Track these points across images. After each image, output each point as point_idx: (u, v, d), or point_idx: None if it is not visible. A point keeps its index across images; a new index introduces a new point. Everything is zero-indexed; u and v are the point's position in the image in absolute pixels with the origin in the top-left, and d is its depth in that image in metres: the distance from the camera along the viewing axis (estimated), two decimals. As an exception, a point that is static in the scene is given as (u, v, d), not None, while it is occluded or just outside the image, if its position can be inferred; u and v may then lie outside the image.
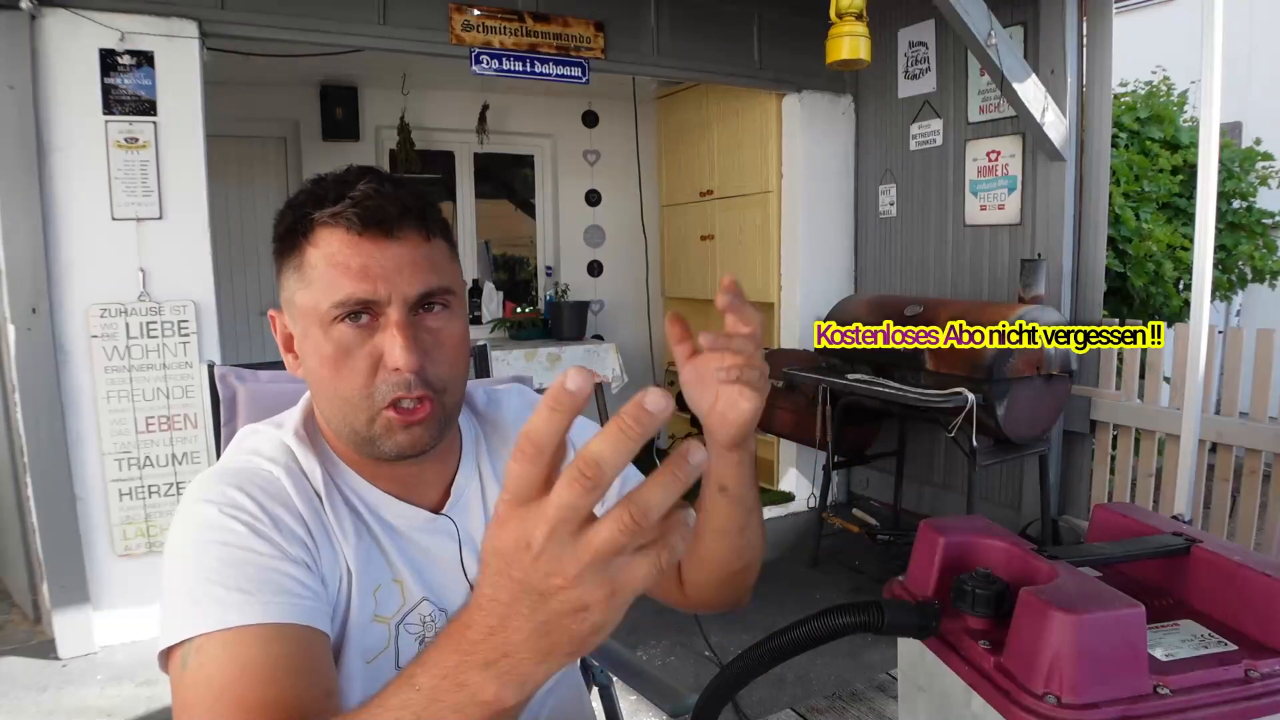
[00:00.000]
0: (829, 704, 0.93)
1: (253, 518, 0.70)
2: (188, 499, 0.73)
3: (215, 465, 0.78)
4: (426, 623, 0.79)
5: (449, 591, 0.81)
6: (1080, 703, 0.50)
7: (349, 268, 0.71)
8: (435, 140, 4.75)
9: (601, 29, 3.46)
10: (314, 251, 0.73)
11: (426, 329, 0.74)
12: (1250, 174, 4.55)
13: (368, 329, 0.72)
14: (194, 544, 0.69)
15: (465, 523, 0.83)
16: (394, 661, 0.77)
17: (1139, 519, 0.70)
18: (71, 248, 2.62)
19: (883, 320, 3.25)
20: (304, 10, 2.88)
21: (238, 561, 0.67)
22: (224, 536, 0.68)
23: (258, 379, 1.06)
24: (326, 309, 0.71)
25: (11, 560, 3.08)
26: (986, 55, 2.97)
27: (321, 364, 0.73)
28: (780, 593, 3.27)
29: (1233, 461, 2.90)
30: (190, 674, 0.63)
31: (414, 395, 0.72)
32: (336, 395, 0.73)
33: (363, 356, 0.72)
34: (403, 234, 0.73)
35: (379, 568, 0.78)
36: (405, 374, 0.71)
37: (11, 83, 2.47)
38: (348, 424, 0.74)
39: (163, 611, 0.68)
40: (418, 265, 0.73)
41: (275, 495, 0.73)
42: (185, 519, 0.71)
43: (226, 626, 0.63)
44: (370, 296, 0.71)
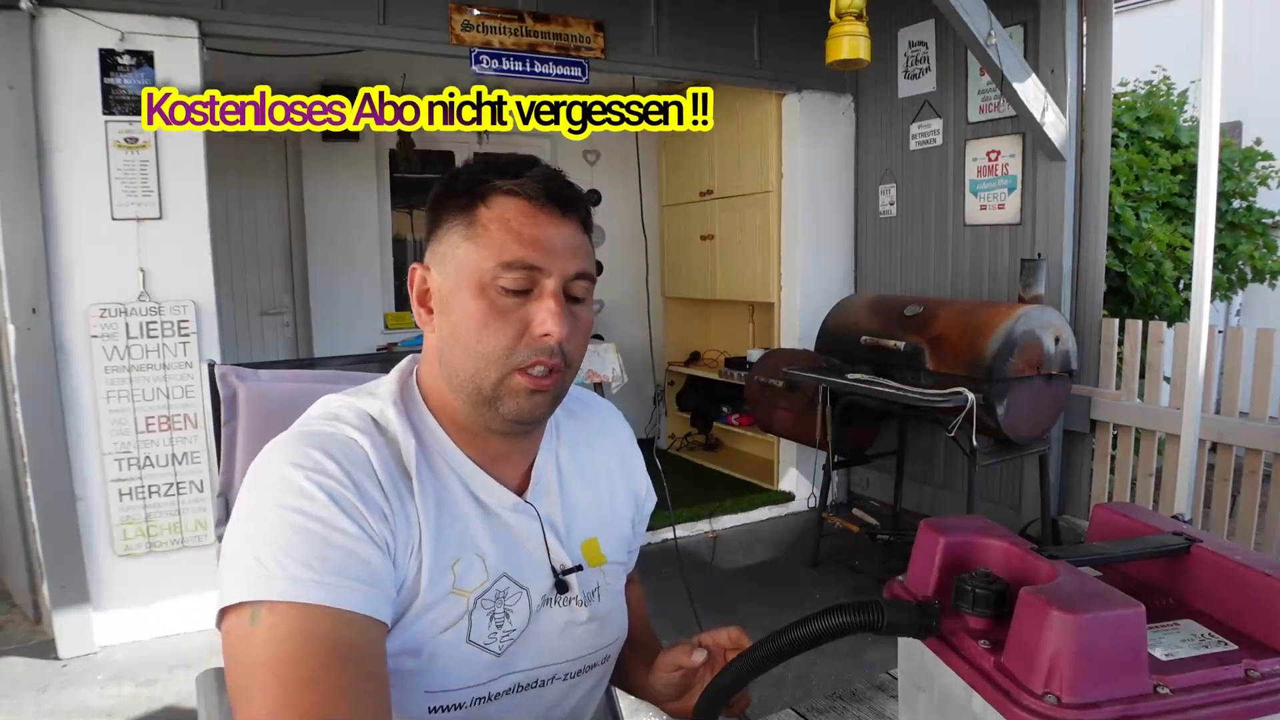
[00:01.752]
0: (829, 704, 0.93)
1: (339, 484, 0.71)
2: (268, 459, 0.73)
3: (294, 428, 0.78)
4: (500, 598, 0.80)
5: (532, 572, 0.83)
6: (1080, 702, 0.50)
7: (521, 234, 0.75)
8: (435, 141, 4.75)
9: (601, 29, 3.46)
10: (488, 213, 0.77)
11: (570, 309, 0.78)
12: (1250, 174, 4.55)
13: (523, 297, 0.76)
14: (276, 507, 0.69)
15: (545, 508, 0.86)
16: (465, 635, 0.78)
17: (1139, 519, 0.70)
18: (71, 248, 2.62)
19: (883, 320, 3.26)
20: (304, 10, 2.89)
21: (320, 538, 0.68)
22: (307, 506, 0.69)
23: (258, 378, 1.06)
24: (491, 267, 0.75)
25: (11, 560, 3.08)
26: (986, 55, 2.97)
27: (469, 318, 0.76)
28: (780, 593, 3.27)
29: (1233, 461, 2.90)
30: (262, 631, 0.64)
31: (551, 363, 0.76)
32: (475, 350, 0.76)
33: (514, 320, 0.75)
34: (571, 218, 0.79)
35: (462, 541, 0.79)
36: (552, 342, 0.75)
37: (11, 83, 2.47)
38: (475, 381, 0.77)
39: (231, 568, 0.68)
40: (577, 249, 0.78)
41: (359, 463, 0.74)
42: (266, 479, 0.72)
43: (304, 600, 0.65)
44: (537, 263, 0.75)
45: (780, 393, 3.74)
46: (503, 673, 0.80)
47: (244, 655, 0.64)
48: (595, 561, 0.88)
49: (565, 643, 0.85)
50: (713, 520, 3.98)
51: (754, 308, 4.84)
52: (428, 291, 0.81)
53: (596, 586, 0.88)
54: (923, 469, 3.97)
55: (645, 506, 1.00)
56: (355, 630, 0.66)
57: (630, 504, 0.97)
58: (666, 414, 5.44)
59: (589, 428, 0.95)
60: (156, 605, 2.79)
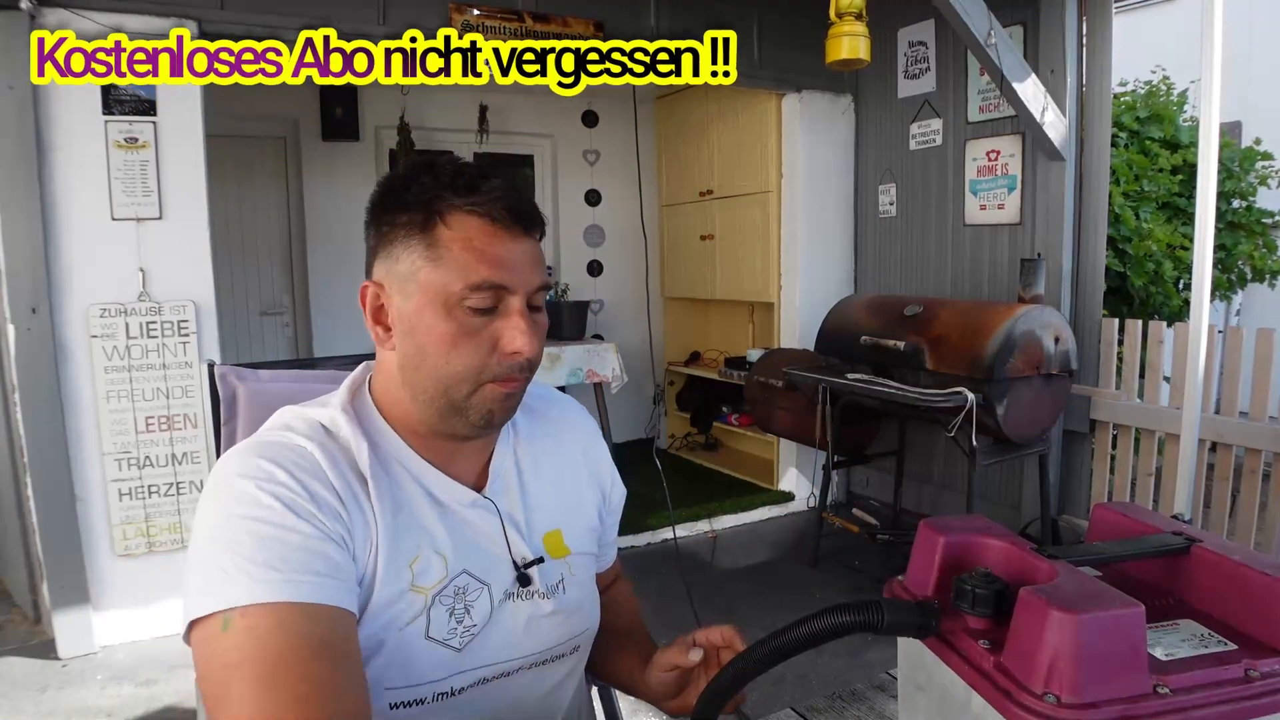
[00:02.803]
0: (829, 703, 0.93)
1: (290, 492, 0.72)
2: (221, 473, 0.74)
3: (246, 440, 0.79)
4: (459, 594, 0.81)
5: (493, 567, 0.84)
6: (1080, 702, 0.50)
7: (485, 254, 0.76)
8: (435, 140, 4.75)
9: (601, 29, 3.46)
10: (449, 233, 0.77)
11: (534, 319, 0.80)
12: (1250, 174, 4.55)
13: (488, 315, 0.77)
14: (231, 518, 0.70)
15: (504, 503, 0.87)
16: (424, 630, 0.78)
17: (1139, 518, 0.70)
18: (71, 248, 2.62)
19: (883, 320, 3.26)
20: (304, 9, 2.88)
21: (277, 539, 0.69)
22: (261, 513, 0.70)
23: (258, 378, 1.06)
24: (459, 289, 0.76)
25: (11, 560, 3.08)
26: (986, 55, 2.97)
27: (437, 340, 0.77)
28: (780, 593, 3.27)
29: (1232, 461, 2.90)
30: (234, 636, 0.64)
31: (521, 376, 0.80)
32: (445, 369, 0.77)
33: (483, 338, 0.77)
34: (530, 233, 0.80)
35: (419, 539, 0.80)
36: (522, 359, 0.78)
37: (11, 82, 2.47)
38: (446, 396, 0.78)
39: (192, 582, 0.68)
40: (536, 262, 0.81)
41: (308, 469, 0.75)
42: (219, 493, 0.73)
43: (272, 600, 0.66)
44: (504, 283, 0.77)
45: (780, 393, 3.74)
46: (464, 668, 0.81)
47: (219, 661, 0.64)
48: (558, 553, 0.89)
49: (530, 636, 0.86)
50: (712, 520, 3.98)
51: (754, 308, 4.84)
52: (382, 309, 0.81)
53: (560, 579, 0.89)
54: (922, 469, 3.97)
55: (613, 497, 1.01)
56: (327, 623, 0.68)
57: (596, 495, 0.98)
58: (666, 414, 5.44)
59: (549, 422, 0.97)
60: (156, 605, 2.79)
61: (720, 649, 0.85)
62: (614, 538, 1.04)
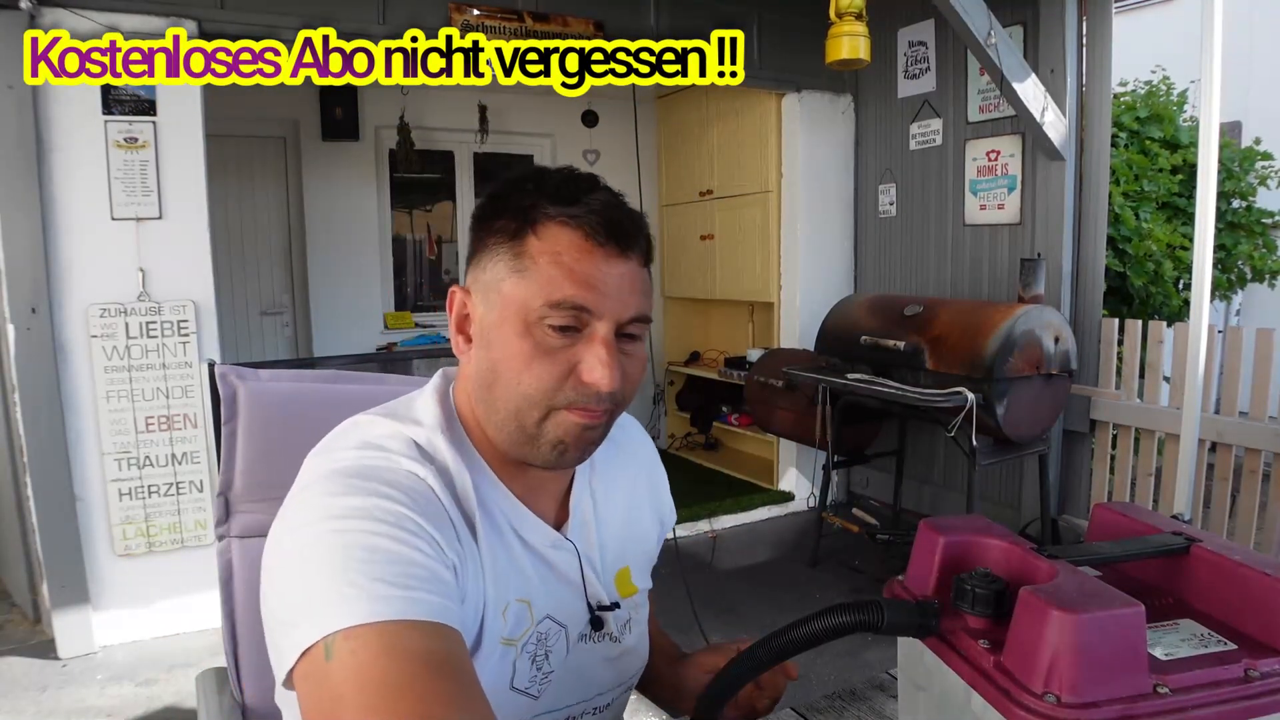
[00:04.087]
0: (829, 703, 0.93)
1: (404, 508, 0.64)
2: (313, 495, 0.65)
3: (338, 460, 0.69)
4: (542, 641, 0.76)
5: (571, 609, 0.79)
6: (1080, 702, 0.50)
7: (574, 271, 0.69)
8: (435, 140, 4.75)
9: (601, 29, 3.46)
10: (538, 244, 0.70)
11: (623, 351, 0.72)
12: (1250, 174, 4.55)
13: (572, 338, 0.70)
14: (335, 534, 0.61)
15: (582, 542, 0.81)
16: (509, 681, 0.74)
17: (1139, 518, 0.70)
18: (71, 248, 2.61)
19: (883, 320, 3.26)
20: (304, 9, 2.88)
21: (389, 555, 0.60)
22: (374, 526, 0.62)
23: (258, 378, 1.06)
24: (539, 305, 0.69)
25: (11, 560, 3.08)
26: (986, 55, 2.97)
27: (511, 357, 0.70)
28: (780, 593, 3.27)
29: (1232, 461, 2.90)
30: (339, 662, 0.55)
31: (598, 409, 0.71)
32: (516, 389, 0.70)
33: (560, 361, 0.69)
34: (632, 254, 0.72)
35: (512, 585, 0.74)
36: (600, 390, 0.69)
37: (11, 82, 2.47)
38: (517, 419, 0.71)
39: (287, 617, 0.59)
40: (635, 288, 0.72)
41: (423, 496, 0.67)
42: (312, 514, 0.63)
43: (382, 619, 0.56)
44: (588, 305, 0.69)
45: (780, 393, 3.74)
46: (535, 713, 0.77)
47: (323, 694, 0.55)
48: (627, 593, 0.85)
49: (594, 678, 0.82)
50: (713, 520, 3.97)
51: (754, 308, 4.84)
52: (467, 318, 0.75)
53: (628, 619, 0.85)
54: (922, 469, 3.97)
55: (667, 525, 0.96)
56: (444, 641, 0.58)
57: (656, 526, 0.94)
58: (666, 414, 5.44)
59: (619, 449, 0.90)
60: (156, 605, 2.79)
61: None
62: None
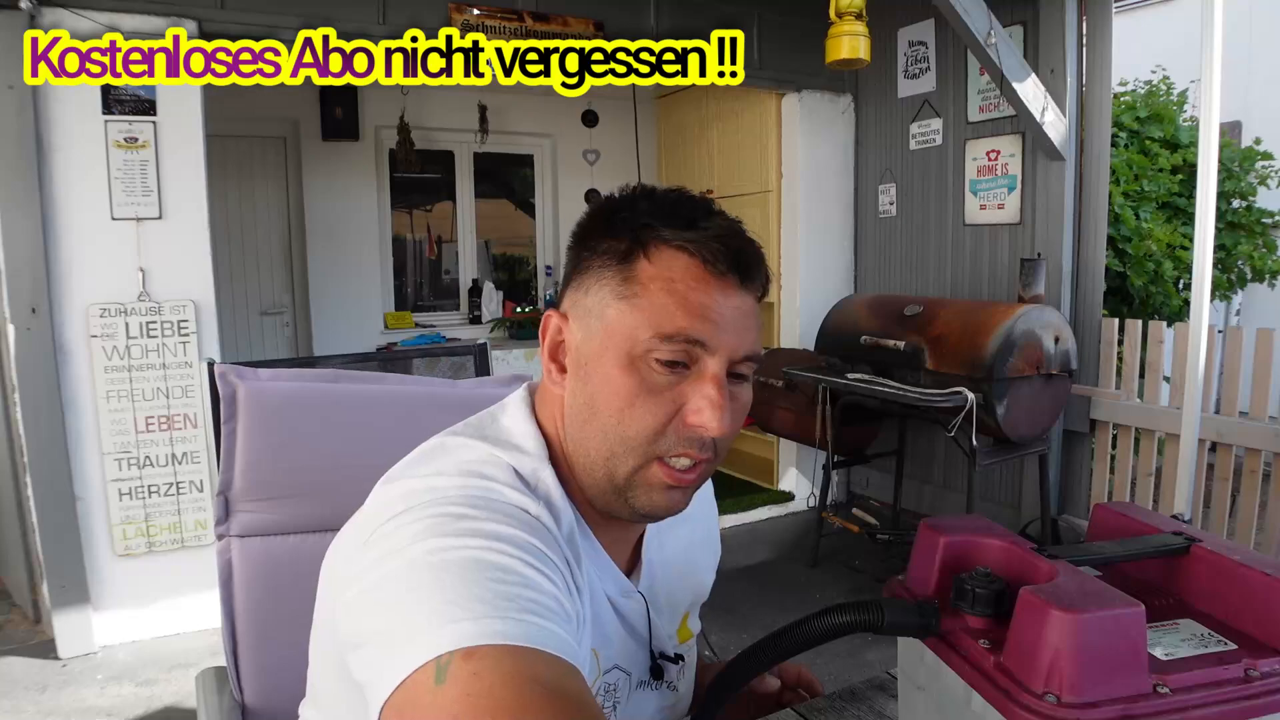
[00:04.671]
0: (829, 703, 0.93)
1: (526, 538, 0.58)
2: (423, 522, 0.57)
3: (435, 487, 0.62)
4: (610, 691, 0.72)
5: (635, 658, 0.76)
6: (1080, 702, 0.50)
7: (689, 301, 0.63)
8: (435, 140, 4.75)
9: (601, 29, 3.46)
10: (650, 269, 0.64)
11: (732, 393, 0.66)
12: (1250, 174, 4.55)
13: (680, 374, 0.64)
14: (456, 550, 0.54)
15: (650, 592, 0.77)
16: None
17: (1139, 518, 0.70)
18: (71, 248, 2.61)
19: (883, 320, 3.26)
20: (303, 8, 2.88)
21: (520, 577, 0.54)
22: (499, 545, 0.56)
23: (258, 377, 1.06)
24: (647, 336, 0.63)
25: (11, 560, 3.08)
26: (986, 55, 2.97)
27: (613, 394, 0.64)
28: (780, 593, 3.27)
29: (1232, 461, 2.90)
30: (454, 686, 0.46)
31: (701, 457, 0.65)
32: (614, 432, 0.64)
33: (665, 400, 0.63)
34: (751, 287, 0.67)
35: (594, 630, 0.70)
36: (707, 435, 0.64)
37: (11, 82, 2.47)
38: (607, 467, 0.65)
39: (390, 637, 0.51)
40: (750, 324, 0.67)
41: (537, 531, 0.61)
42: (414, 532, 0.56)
43: (511, 642, 0.49)
44: (703, 338, 0.63)
45: (780, 392, 3.74)
46: None
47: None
48: (684, 638, 0.84)
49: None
50: (712, 520, 3.97)
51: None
52: (562, 344, 0.69)
53: (684, 664, 0.81)
54: (923, 469, 3.97)
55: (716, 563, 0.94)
56: (575, 680, 0.50)
57: (712, 569, 0.91)
58: (666, 414, 5.44)
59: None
60: (156, 605, 2.79)
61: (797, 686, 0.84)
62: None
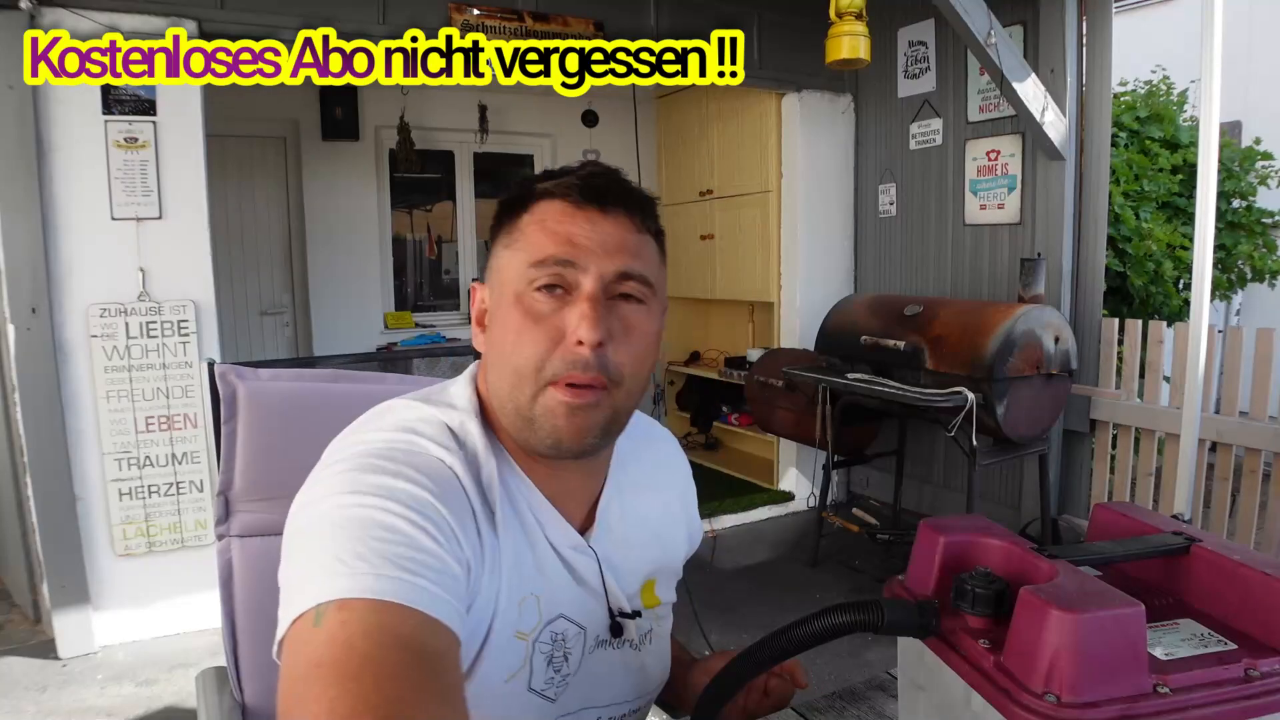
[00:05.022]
0: (829, 703, 0.93)
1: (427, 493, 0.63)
2: (339, 469, 0.65)
3: (368, 441, 0.68)
4: (558, 641, 0.76)
5: (591, 613, 0.78)
6: (1080, 702, 0.50)
7: (556, 233, 0.70)
8: (435, 140, 4.75)
9: (601, 29, 3.46)
10: (528, 218, 0.72)
11: (618, 315, 0.70)
12: (1250, 173, 4.55)
13: (560, 301, 0.69)
14: (354, 507, 0.60)
15: (605, 548, 0.80)
16: (526, 683, 0.73)
17: (1139, 518, 0.70)
18: (71, 248, 2.61)
19: (883, 320, 3.26)
20: (303, 8, 2.88)
21: (403, 536, 0.59)
22: (392, 505, 0.61)
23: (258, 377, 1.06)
24: (525, 269, 0.69)
25: (11, 560, 3.08)
26: (986, 55, 2.97)
27: (505, 331, 0.70)
28: (780, 593, 3.27)
29: (1232, 461, 2.90)
30: (326, 630, 0.53)
31: (586, 377, 0.68)
32: (510, 364, 0.70)
33: (548, 327, 0.68)
34: (615, 213, 0.71)
35: (527, 579, 0.73)
36: (585, 351, 0.67)
37: (11, 82, 2.47)
38: (513, 400, 0.70)
39: (290, 583, 0.59)
40: (624, 246, 0.71)
41: (448, 485, 0.66)
42: (340, 484, 0.63)
43: (382, 597, 0.55)
44: (570, 258, 0.68)
45: (780, 392, 3.74)
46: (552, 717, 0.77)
47: (302, 658, 0.53)
48: (650, 604, 0.85)
49: (612, 686, 0.81)
50: (713, 520, 3.97)
51: (754, 307, 4.84)
52: (484, 311, 0.76)
53: (650, 630, 0.84)
54: (923, 469, 3.97)
55: (694, 542, 0.97)
56: (437, 638, 0.56)
57: (685, 543, 0.94)
58: (666, 414, 5.44)
59: (652, 462, 0.90)
60: (156, 605, 2.79)
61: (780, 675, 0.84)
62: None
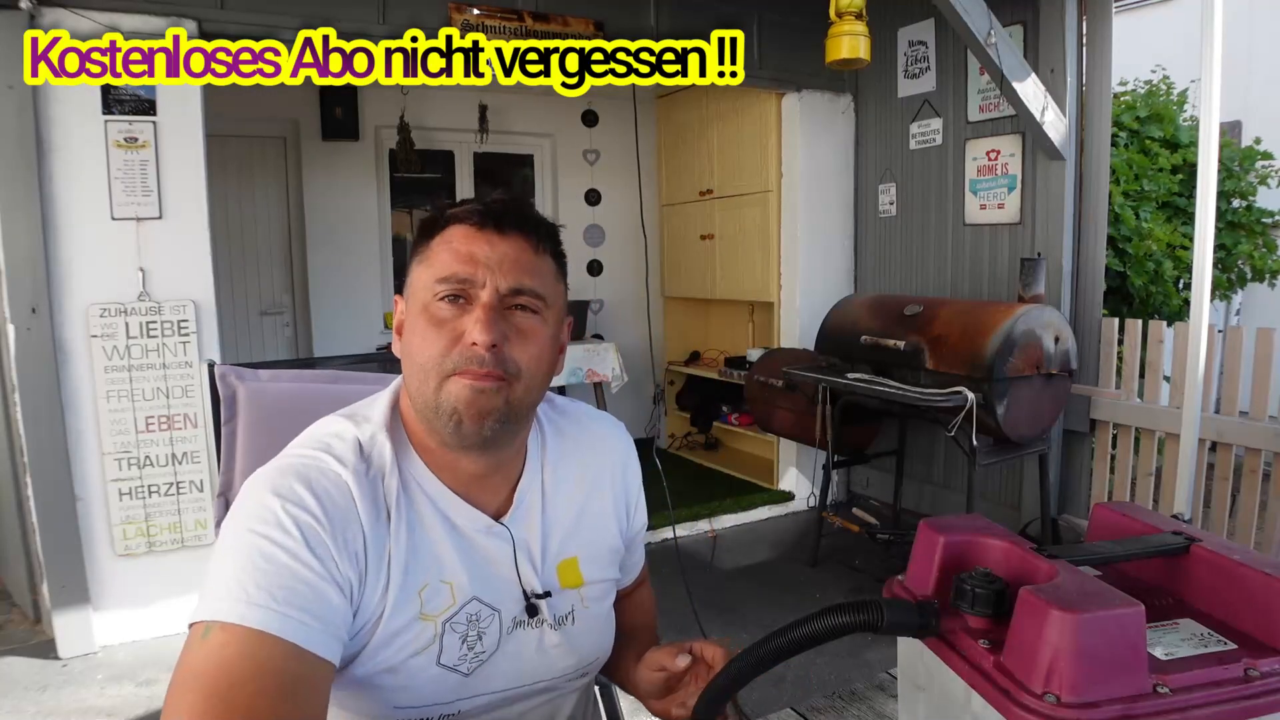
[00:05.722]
0: (829, 703, 0.93)
1: (314, 519, 0.73)
2: (255, 485, 0.76)
3: (286, 456, 0.80)
4: (472, 621, 0.82)
5: (502, 593, 0.84)
6: (1080, 702, 0.50)
7: (459, 251, 0.79)
8: (435, 140, 4.75)
9: (601, 29, 3.46)
10: (439, 240, 0.81)
11: (512, 322, 0.79)
12: (1250, 173, 4.55)
13: (461, 309, 0.78)
14: (249, 533, 0.72)
15: (521, 531, 0.86)
16: (435, 658, 0.80)
17: (1139, 518, 0.70)
18: (71, 248, 2.61)
19: (883, 320, 3.25)
20: (303, 8, 2.88)
21: (285, 569, 0.70)
22: (279, 536, 0.71)
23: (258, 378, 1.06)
24: (431, 284, 0.79)
25: (11, 560, 3.08)
26: (986, 54, 2.97)
27: (413, 336, 0.80)
28: (780, 593, 3.27)
29: (1232, 461, 2.90)
30: (209, 646, 0.65)
31: (483, 371, 0.77)
32: (416, 363, 0.79)
33: (449, 330, 0.77)
34: (512, 235, 0.81)
35: (430, 567, 0.80)
36: (480, 350, 0.76)
37: (11, 82, 2.47)
38: (421, 395, 0.79)
39: (204, 586, 0.70)
40: (519, 265, 0.80)
41: (340, 503, 0.76)
42: (248, 504, 0.74)
43: (258, 627, 0.66)
44: (468, 276, 0.78)
45: (780, 392, 3.74)
46: (472, 693, 0.82)
47: (187, 663, 0.65)
48: (572, 583, 0.89)
49: (538, 664, 0.86)
50: (713, 520, 3.98)
51: (754, 307, 4.84)
52: (401, 321, 0.85)
53: (570, 610, 0.88)
54: (923, 468, 3.97)
55: (636, 521, 1.00)
56: (304, 666, 0.68)
57: (622, 519, 0.97)
58: (666, 414, 5.44)
59: (579, 444, 0.95)
60: (156, 605, 2.79)
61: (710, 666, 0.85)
62: (640, 556, 1.04)
